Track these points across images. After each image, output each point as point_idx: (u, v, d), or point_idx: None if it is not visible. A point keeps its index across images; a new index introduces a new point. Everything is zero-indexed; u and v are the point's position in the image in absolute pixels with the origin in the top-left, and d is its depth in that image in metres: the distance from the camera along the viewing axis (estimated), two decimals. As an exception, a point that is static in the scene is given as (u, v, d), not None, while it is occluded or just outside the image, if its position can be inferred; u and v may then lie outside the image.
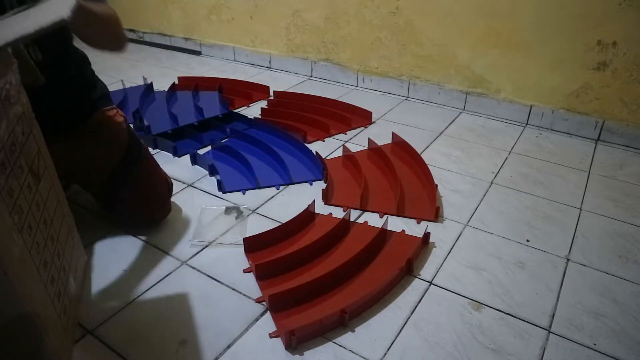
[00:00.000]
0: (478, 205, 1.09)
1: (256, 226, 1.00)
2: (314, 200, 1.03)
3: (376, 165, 1.23)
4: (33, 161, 0.66)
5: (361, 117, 1.52)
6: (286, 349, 0.72)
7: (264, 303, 0.80)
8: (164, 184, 1.01)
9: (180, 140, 1.35)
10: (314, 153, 1.23)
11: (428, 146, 1.37)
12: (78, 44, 0.85)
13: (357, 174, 1.18)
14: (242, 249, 0.92)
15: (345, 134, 1.43)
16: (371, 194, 1.11)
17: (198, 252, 0.93)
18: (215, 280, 0.86)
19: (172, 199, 1.10)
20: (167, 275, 0.87)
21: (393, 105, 1.67)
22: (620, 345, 0.74)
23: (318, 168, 1.20)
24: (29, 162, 0.64)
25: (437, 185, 1.12)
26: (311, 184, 1.15)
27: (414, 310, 0.80)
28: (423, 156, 1.25)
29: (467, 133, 1.46)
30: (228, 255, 0.92)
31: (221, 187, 1.13)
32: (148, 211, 0.97)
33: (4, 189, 0.54)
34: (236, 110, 1.56)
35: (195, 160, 1.25)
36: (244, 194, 1.12)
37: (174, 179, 1.18)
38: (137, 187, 0.94)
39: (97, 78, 0.99)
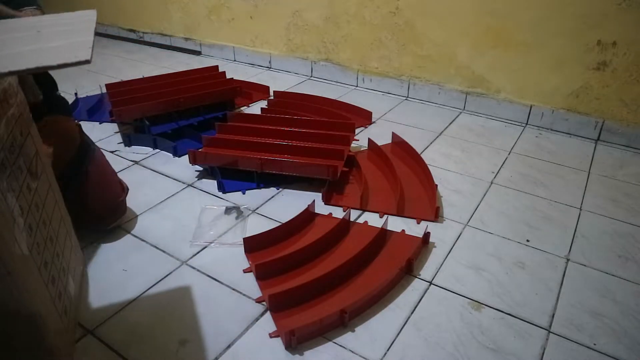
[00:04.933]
0: (478, 205, 1.09)
1: (256, 226, 1.00)
2: (314, 200, 1.03)
3: (376, 165, 1.23)
4: (31, 162, 0.66)
5: (361, 117, 1.52)
6: (286, 349, 0.72)
7: (264, 303, 0.80)
8: (117, 185, 1.00)
9: (180, 140, 1.35)
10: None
11: (428, 146, 1.37)
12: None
13: (357, 174, 1.18)
14: (242, 249, 0.92)
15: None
16: (371, 194, 1.11)
17: (198, 252, 0.93)
18: (215, 280, 0.86)
19: (172, 199, 1.10)
20: (167, 275, 0.87)
21: (393, 105, 1.67)
22: (620, 345, 0.74)
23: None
24: (27, 163, 0.64)
25: (437, 185, 1.12)
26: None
27: (414, 310, 0.80)
28: (423, 156, 1.25)
29: (467, 133, 1.46)
30: (228, 255, 0.92)
31: (221, 187, 1.13)
32: (99, 210, 0.95)
33: (5, 188, 0.54)
34: (236, 110, 1.56)
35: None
36: (244, 193, 1.12)
37: (174, 179, 1.18)
38: (87, 185, 0.93)
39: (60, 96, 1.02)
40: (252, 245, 0.92)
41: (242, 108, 1.62)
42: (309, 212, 1.01)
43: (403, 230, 0.99)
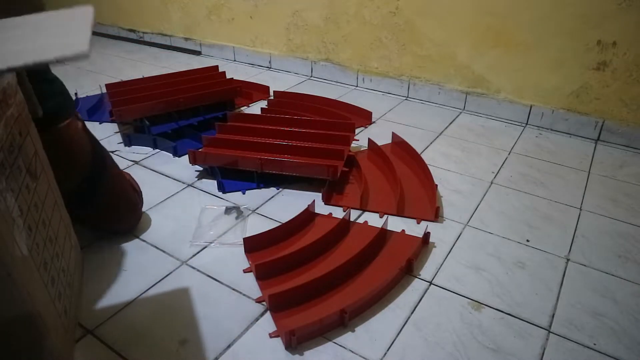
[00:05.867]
0: (478, 205, 1.09)
1: (256, 226, 1.00)
2: (314, 200, 1.03)
3: (376, 165, 1.23)
4: (30, 162, 0.66)
5: (361, 117, 1.52)
6: (286, 348, 0.72)
7: (264, 303, 0.80)
8: (133, 192, 0.98)
9: (180, 140, 1.35)
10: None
11: (428, 146, 1.37)
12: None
13: (357, 174, 1.18)
14: (242, 249, 0.92)
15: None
16: (371, 194, 1.11)
17: (198, 252, 0.93)
18: (215, 280, 0.86)
19: (172, 199, 1.10)
20: (167, 275, 0.87)
21: (393, 105, 1.67)
22: (620, 345, 0.74)
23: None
24: (26, 163, 0.64)
25: (437, 185, 1.12)
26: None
27: (414, 310, 0.80)
28: (423, 156, 1.25)
29: (467, 133, 1.46)
30: (228, 255, 0.92)
31: (221, 187, 1.13)
32: (118, 219, 0.95)
33: (4, 189, 0.54)
34: (236, 110, 1.56)
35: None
36: (244, 193, 1.12)
37: (174, 179, 1.18)
38: (106, 196, 0.91)
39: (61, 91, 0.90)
40: (252, 245, 0.92)
41: (242, 108, 1.62)
42: (309, 212, 1.01)
43: (403, 230, 0.98)
